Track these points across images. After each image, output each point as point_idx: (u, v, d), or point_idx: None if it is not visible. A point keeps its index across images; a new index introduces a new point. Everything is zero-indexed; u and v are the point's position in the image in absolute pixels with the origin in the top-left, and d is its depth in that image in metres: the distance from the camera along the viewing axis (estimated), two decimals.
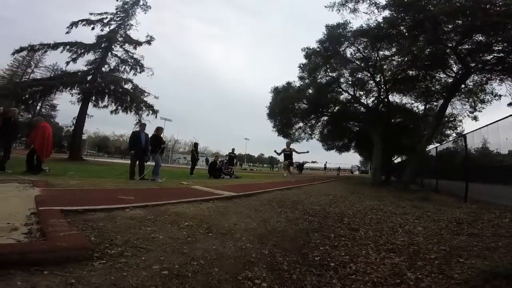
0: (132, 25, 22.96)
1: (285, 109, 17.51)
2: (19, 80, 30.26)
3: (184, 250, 1.89)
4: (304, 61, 16.70)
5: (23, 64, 40.54)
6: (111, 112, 21.67)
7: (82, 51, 20.58)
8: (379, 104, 16.52)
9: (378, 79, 15.29)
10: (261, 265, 1.89)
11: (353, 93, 17.01)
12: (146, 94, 23.10)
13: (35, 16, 70.15)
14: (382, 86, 15.39)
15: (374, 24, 11.98)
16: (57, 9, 76.30)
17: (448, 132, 17.54)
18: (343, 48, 14.35)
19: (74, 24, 20.53)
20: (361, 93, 17.30)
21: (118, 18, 22.52)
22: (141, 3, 23.26)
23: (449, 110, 14.95)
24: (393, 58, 13.64)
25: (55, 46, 19.71)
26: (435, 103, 15.36)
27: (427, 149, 12.51)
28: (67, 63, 20.47)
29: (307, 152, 7.24)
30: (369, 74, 15.16)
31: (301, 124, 19.99)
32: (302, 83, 17.63)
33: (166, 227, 2.34)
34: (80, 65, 21.00)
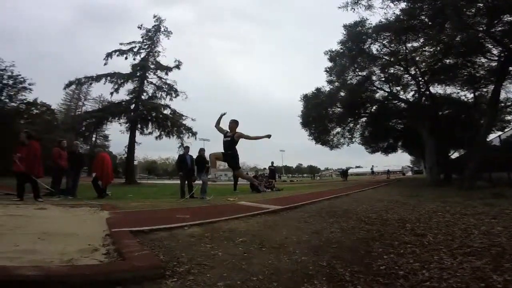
0: (159, 51, 24.52)
1: (319, 115, 17.02)
2: (74, 113, 34.00)
3: (242, 266, 1.92)
4: (329, 64, 16.32)
5: (74, 98, 44.62)
6: (156, 137, 23.32)
7: (122, 81, 22.42)
8: (420, 98, 15.22)
9: (413, 72, 14.30)
10: (321, 277, 1.81)
11: (389, 90, 15.98)
12: (184, 118, 24.46)
13: (75, 49, 79.38)
14: (420, 78, 14.29)
15: (393, 17, 11.40)
16: (92, 40, 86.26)
17: (509, 117, 15.57)
18: (367, 46, 13.78)
19: (109, 55, 22.47)
20: (398, 88, 16.19)
21: (146, 46, 24.26)
22: (162, 29, 24.88)
23: (503, 95, 13.20)
24: (423, 49, 12.73)
25: (97, 78, 21.76)
26: (484, 90, 13.71)
27: (487, 139, 11.08)
28: (111, 94, 22.34)
29: (268, 136, 4.07)
30: (401, 68, 14.30)
31: (338, 129, 19.10)
32: (332, 87, 17.05)
33: (223, 244, 2.41)
34: (122, 94, 22.73)
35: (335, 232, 3.07)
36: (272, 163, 14.51)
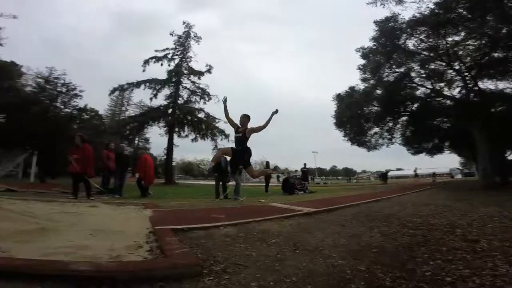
0: (191, 57, 25.45)
1: (354, 115, 16.27)
2: (118, 118, 36.76)
3: (275, 267, 1.91)
4: (362, 61, 15.68)
5: (118, 103, 47.48)
6: (192, 140, 24.41)
7: (159, 86, 23.67)
8: (468, 94, 13.82)
9: (457, 67, 13.10)
10: (358, 281, 1.73)
11: (431, 87, 14.77)
12: (217, 120, 25.19)
13: (115, 57, 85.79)
14: (465, 73, 13.05)
15: (428, 11, 10.73)
16: (128, 48, 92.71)
17: None
18: (403, 41, 13.05)
19: (146, 62, 23.77)
20: (441, 85, 14.91)
21: (179, 52, 25.33)
22: (192, 35, 25.77)
23: None
24: (466, 42, 11.72)
25: (138, 84, 23.17)
26: None
27: None
28: (151, 99, 23.70)
29: (275, 112, 3.75)
30: (444, 64, 13.18)
31: (376, 129, 18.02)
32: (366, 85, 16.29)
33: (256, 244, 2.42)
34: (160, 99, 24.02)
35: (375, 236, 2.91)
36: (305, 164, 14.29)
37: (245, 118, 4.58)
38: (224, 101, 4.59)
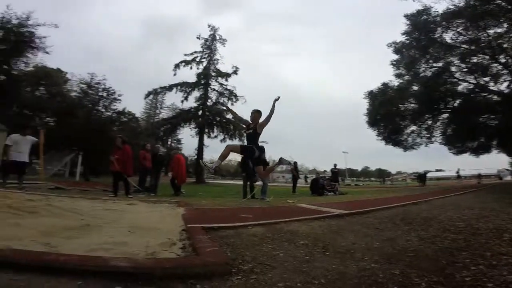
0: (218, 59, 26.12)
1: (389, 113, 15.50)
2: (153, 120, 38.82)
3: (303, 268, 1.88)
4: (394, 57, 14.97)
5: (152, 107, 49.57)
6: (220, 141, 25.02)
7: (189, 89, 24.65)
8: None
9: (503, 60, 12.00)
10: (392, 285, 1.66)
11: (474, 81, 13.59)
12: (244, 121, 25.58)
13: (146, 62, 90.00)
14: None
15: (463, 3, 10.12)
16: (158, 52, 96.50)
17: None
18: (439, 35, 12.34)
19: (177, 66, 24.90)
20: (486, 79, 13.71)
21: (206, 55, 26.04)
22: (217, 38, 26.29)
23: None
24: (510, 34, 10.71)
25: (170, 88, 24.35)
26: None
27: None
28: (182, 101, 24.88)
29: (277, 99, 3.45)
30: (487, 57, 12.20)
31: (414, 128, 17.00)
32: (401, 80, 15.47)
33: (284, 245, 2.41)
34: (191, 102, 25.08)
35: (411, 240, 2.75)
36: (335, 165, 13.90)
37: (256, 114, 4.43)
38: (227, 107, 4.73)
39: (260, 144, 4.43)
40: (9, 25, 16.15)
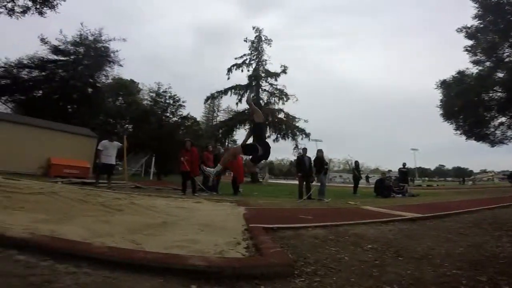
0: (266, 60, 26.25)
1: (469, 104, 13.39)
2: (211, 123, 41.22)
3: (373, 273, 1.77)
4: (467, 42, 12.97)
5: (210, 110, 51.36)
6: (273, 141, 25.21)
7: (242, 91, 25.32)
8: None
9: None
10: None
11: None
12: (297, 120, 25.22)
13: (201, 67, 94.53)
14: None
15: None
16: (211, 57, 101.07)
17: None
18: None
19: (229, 70, 25.87)
20: None
21: (254, 57, 26.35)
22: (263, 39, 26.29)
23: None
24: None
25: (225, 91, 25.53)
26: None
27: None
28: (237, 104, 25.83)
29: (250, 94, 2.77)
30: None
31: (502, 119, 14.32)
32: (480, 67, 13.17)
33: (349, 248, 2.31)
34: (245, 103, 25.92)
35: (503, 246, 2.41)
36: (404, 164, 12.64)
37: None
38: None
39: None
40: (87, 42, 19.28)
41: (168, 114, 20.81)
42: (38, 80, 18.04)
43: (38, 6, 13.60)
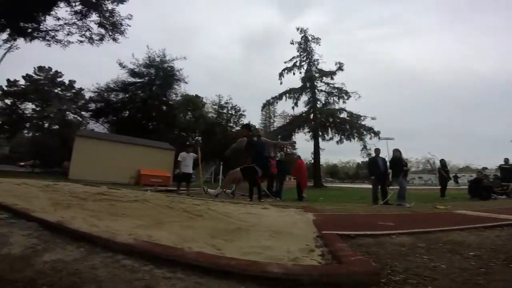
0: (317, 59, 25.22)
1: None
2: (269, 129, 41.62)
3: (478, 281, 1.58)
4: None
5: (267, 117, 53.10)
6: (337, 142, 24.04)
7: (297, 95, 25.06)
8: None
9: None
10: None
11: None
12: (362, 118, 23.44)
13: (251, 75, 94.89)
14: None
15: None
16: (260, 64, 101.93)
17: None
18: None
19: (281, 74, 25.70)
20: None
21: (304, 58, 25.58)
22: (310, 38, 25.25)
23: None
24: None
25: (280, 96, 25.52)
26: None
27: None
28: (293, 108, 25.75)
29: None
30: None
31: None
32: None
33: (445, 256, 2.08)
34: (301, 107, 25.54)
35: None
36: (507, 160, 10.41)
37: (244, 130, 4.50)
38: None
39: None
40: (155, 63, 22.01)
41: (231, 124, 22.14)
42: (124, 101, 21.69)
43: (110, 33, 16.06)
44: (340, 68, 24.46)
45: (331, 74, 24.70)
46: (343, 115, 24.10)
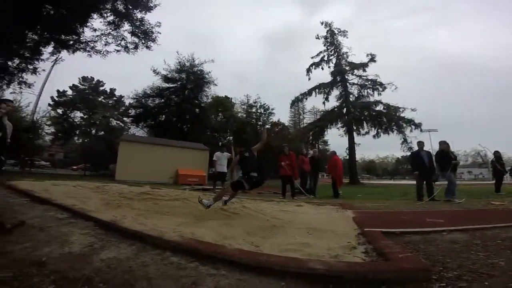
0: (346, 52, 24.06)
1: None
2: (299, 126, 40.77)
3: None
4: None
5: (296, 114, 51.25)
6: (373, 136, 22.82)
7: (327, 89, 24.21)
8: None
9: None
10: None
11: None
12: (401, 110, 22.00)
13: (277, 74, 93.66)
14: None
15: None
16: (285, 63, 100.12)
17: None
18: None
19: (308, 70, 24.95)
20: None
21: (332, 52, 24.52)
22: (336, 32, 24.13)
23: None
24: None
25: (309, 92, 24.81)
26: None
27: None
28: (324, 103, 24.92)
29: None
30: None
31: None
32: None
33: (505, 253, 1.93)
34: (333, 102, 24.65)
35: None
36: None
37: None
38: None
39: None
40: (185, 68, 22.87)
41: (260, 123, 22.30)
42: (160, 106, 23.03)
43: (143, 41, 16.91)
44: (373, 59, 23.14)
45: (363, 66, 23.44)
46: (379, 107, 22.74)
